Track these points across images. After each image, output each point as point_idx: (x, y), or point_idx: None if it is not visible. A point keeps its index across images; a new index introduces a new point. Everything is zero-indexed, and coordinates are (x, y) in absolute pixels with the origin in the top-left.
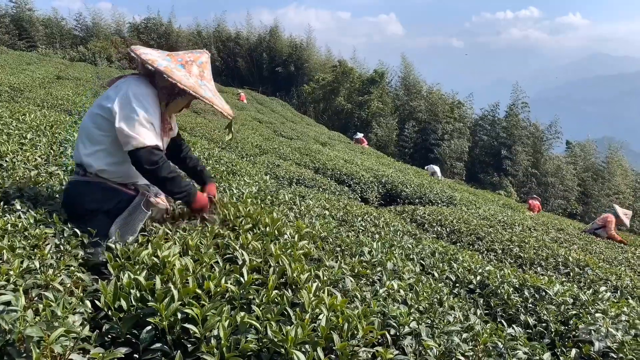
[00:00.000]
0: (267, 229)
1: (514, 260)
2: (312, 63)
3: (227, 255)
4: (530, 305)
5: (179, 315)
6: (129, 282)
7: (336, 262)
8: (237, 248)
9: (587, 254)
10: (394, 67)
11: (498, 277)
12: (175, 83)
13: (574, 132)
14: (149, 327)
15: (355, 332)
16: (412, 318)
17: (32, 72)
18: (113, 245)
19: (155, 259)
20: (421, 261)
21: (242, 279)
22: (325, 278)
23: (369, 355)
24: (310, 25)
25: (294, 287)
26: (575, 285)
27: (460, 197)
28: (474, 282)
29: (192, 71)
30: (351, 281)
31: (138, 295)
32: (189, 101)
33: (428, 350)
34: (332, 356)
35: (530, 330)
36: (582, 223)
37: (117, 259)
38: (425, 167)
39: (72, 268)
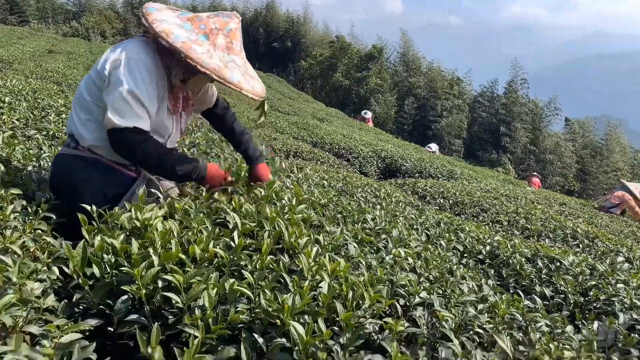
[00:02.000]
0: (263, 192)
1: (520, 232)
2: (309, 39)
3: (218, 220)
4: (545, 276)
5: (160, 283)
6: (102, 246)
7: (337, 228)
8: (229, 211)
9: (593, 227)
10: (393, 43)
11: (509, 247)
12: (195, 65)
13: (572, 111)
14: (125, 297)
15: (361, 302)
16: (422, 287)
17: (22, 46)
18: (88, 207)
19: (136, 222)
20: (426, 231)
21: (232, 243)
22: (326, 243)
23: (376, 328)
24: (308, 0)
25: (291, 252)
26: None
27: (460, 172)
28: (484, 252)
29: (218, 43)
30: (355, 247)
31: (112, 260)
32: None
33: (443, 322)
34: (335, 328)
35: (547, 302)
36: (580, 200)
37: (92, 222)
38: (426, 147)
39: (39, 231)
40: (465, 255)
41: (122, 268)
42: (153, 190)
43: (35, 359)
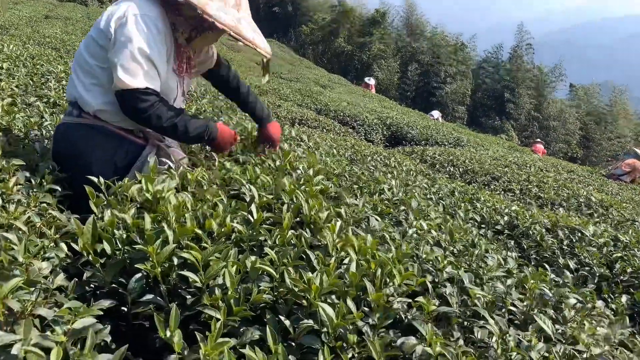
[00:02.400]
0: (278, 162)
1: (533, 200)
2: (310, 2)
3: (233, 192)
4: (566, 247)
5: (175, 261)
6: (112, 221)
7: (356, 199)
8: (244, 182)
9: (604, 195)
10: (396, 7)
11: (527, 217)
12: (213, 22)
13: (576, 77)
14: (139, 275)
15: (388, 280)
16: (448, 262)
17: (18, 11)
18: (95, 179)
19: (147, 195)
20: (440, 201)
21: (250, 217)
22: (347, 217)
23: (405, 306)
24: None
25: (312, 226)
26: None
27: (467, 139)
28: (502, 222)
29: (228, 0)
30: (377, 220)
31: (124, 236)
32: (219, 36)
33: (475, 300)
34: (365, 309)
35: (572, 275)
36: (587, 167)
37: (101, 194)
38: (429, 114)
39: (45, 205)
40: (483, 226)
41: (135, 245)
42: (164, 159)
43: (47, 346)
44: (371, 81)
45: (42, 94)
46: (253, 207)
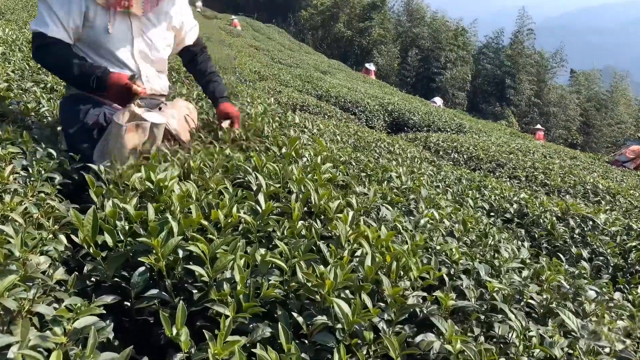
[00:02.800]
0: (284, 149)
1: (539, 187)
2: None
3: (237, 180)
4: (577, 236)
5: (180, 253)
6: (114, 212)
7: (364, 188)
8: (250, 171)
9: (609, 182)
10: None
11: (536, 205)
12: None
13: (577, 62)
14: (142, 269)
15: (402, 273)
16: (462, 253)
17: None
18: (95, 167)
19: (149, 184)
20: (448, 189)
21: (258, 207)
22: (358, 206)
23: (419, 300)
24: None
25: (322, 217)
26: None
27: (469, 125)
28: (511, 210)
29: None
30: (389, 210)
31: (127, 228)
32: None
33: (494, 294)
34: (381, 304)
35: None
36: (590, 154)
37: (102, 183)
38: (430, 101)
39: (42, 195)
40: (492, 214)
41: (138, 237)
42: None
43: (47, 347)
44: (371, 67)
45: (39, 79)
46: (261, 197)
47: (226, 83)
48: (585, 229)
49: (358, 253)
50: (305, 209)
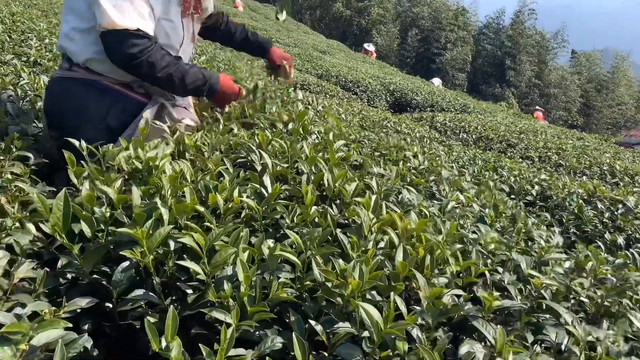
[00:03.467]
0: (290, 125)
1: (554, 168)
2: None
3: (240, 160)
4: (607, 220)
5: (172, 245)
6: (91, 196)
7: (379, 168)
8: (253, 148)
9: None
10: None
11: (560, 186)
12: None
13: (577, 44)
14: (127, 264)
15: (437, 269)
16: (499, 242)
17: None
18: (76, 142)
19: (137, 163)
20: (463, 169)
21: (263, 190)
22: (379, 189)
23: (455, 299)
24: None
25: (337, 201)
26: None
27: (473, 106)
28: (533, 193)
29: None
30: (413, 193)
31: (108, 215)
32: None
33: (542, 291)
34: (416, 307)
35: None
36: (597, 135)
37: (82, 161)
38: (429, 81)
39: (9, 177)
40: (513, 196)
41: (121, 228)
42: (158, 123)
43: None
44: (371, 47)
45: (21, 52)
46: (266, 178)
47: (223, 59)
48: (616, 212)
49: (382, 244)
50: (317, 192)
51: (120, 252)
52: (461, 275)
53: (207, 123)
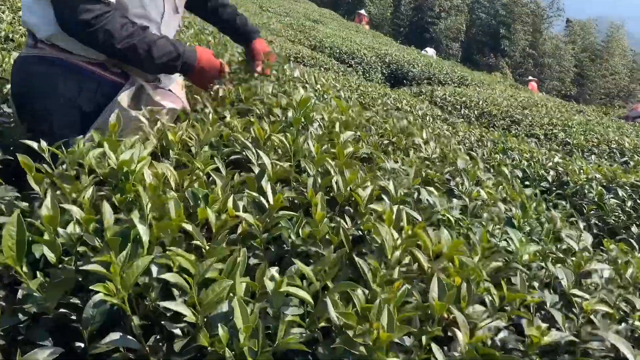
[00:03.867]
0: (290, 113)
1: (560, 147)
2: None
3: (234, 157)
4: (630, 210)
5: (154, 274)
6: (53, 218)
7: (391, 162)
8: (249, 145)
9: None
10: None
11: (577, 171)
12: None
13: (570, 12)
14: (98, 297)
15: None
16: (534, 253)
17: None
18: (34, 144)
19: (112, 163)
20: (471, 152)
21: (263, 199)
22: (396, 195)
23: (493, 333)
24: None
25: (346, 207)
26: None
27: (471, 78)
28: (548, 179)
29: None
30: (433, 195)
31: (75, 237)
32: None
33: (592, 317)
34: (455, 354)
35: None
36: (596, 107)
37: (43, 165)
38: (422, 51)
39: None
40: (527, 183)
41: (92, 259)
42: (134, 113)
43: None
44: (363, 12)
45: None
46: (267, 185)
47: (212, 32)
48: (639, 200)
49: (404, 261)
50: (328, 196)
51: (91, 288)
52: (502, 305)
53: (200, 109)
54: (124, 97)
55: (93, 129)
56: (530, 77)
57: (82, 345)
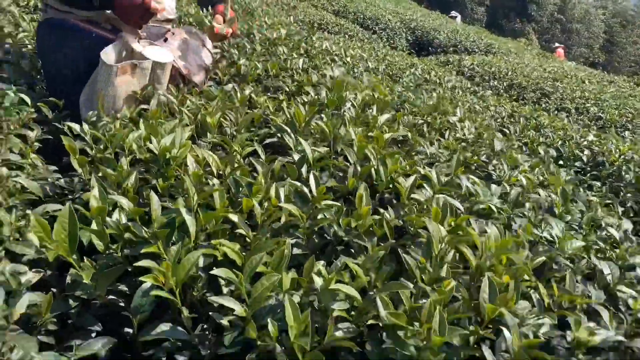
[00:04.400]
0: (323, 94)
1: (592, 122)
2: None
3: (269, 140)
4: None
5: (200, 264)
6: (101, 209)
7: (425, 142)
8: (286, 128)
9: None
10: None
11: (612, 151)
12: None
13: None
14: (147, 285)
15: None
16: (578, 246)
17: None
18: (77, 126)
19: (149, 152)
20: (503, 129)
21: (305, 189)
22: (439, 185)
23: (538, 330)
24: None
25: (386, 195)
26: None
27: (498, 45)
28: (583, 158)
29: None
30: (474, 183)
31: (122, 225)
32: None
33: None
34: (502, 354)
35: None
36: (628, 77)
37: (86, 148)
38: (449, 16)
39: (5, 170)
40: (560, 162)
41: (141, 250)
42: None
43: None
44: None
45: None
46: (311, 177)
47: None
48: None
49: (449, 257)
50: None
51: (140, 279)
52: (549, 304)
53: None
54: (108, 52)
55: (87, 87)
56: (557, 44)
57: (131, 331)
